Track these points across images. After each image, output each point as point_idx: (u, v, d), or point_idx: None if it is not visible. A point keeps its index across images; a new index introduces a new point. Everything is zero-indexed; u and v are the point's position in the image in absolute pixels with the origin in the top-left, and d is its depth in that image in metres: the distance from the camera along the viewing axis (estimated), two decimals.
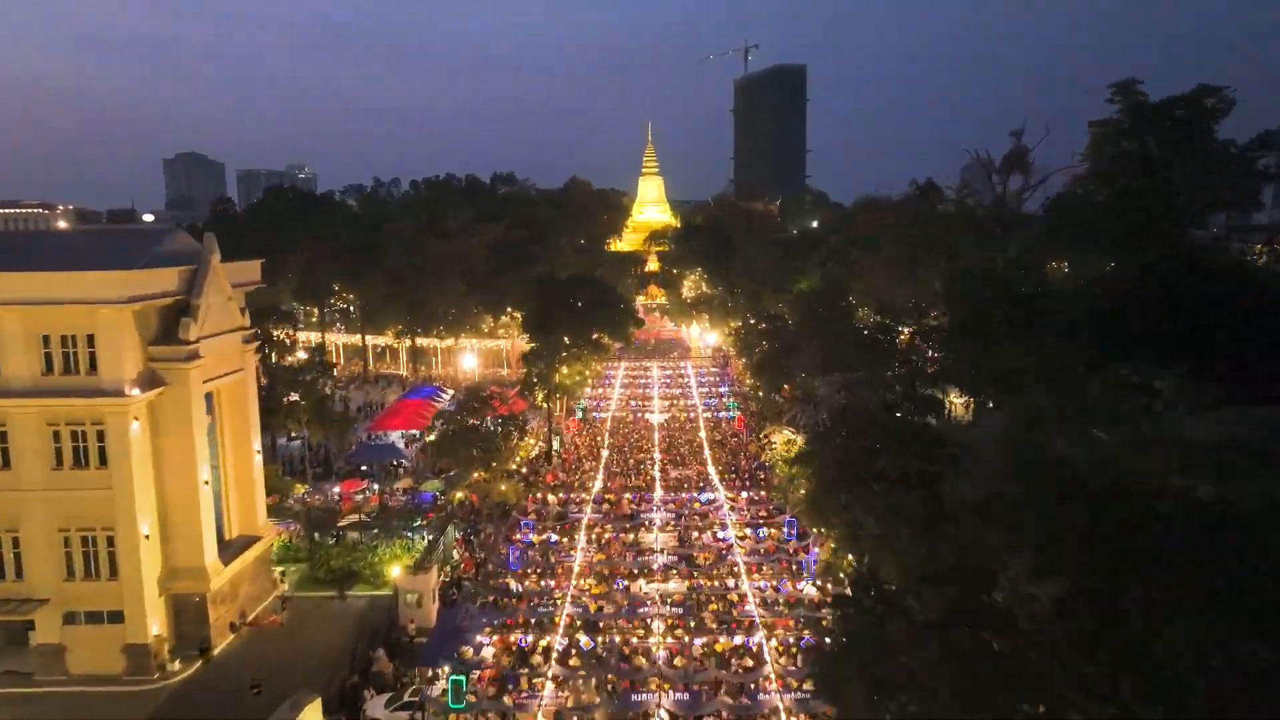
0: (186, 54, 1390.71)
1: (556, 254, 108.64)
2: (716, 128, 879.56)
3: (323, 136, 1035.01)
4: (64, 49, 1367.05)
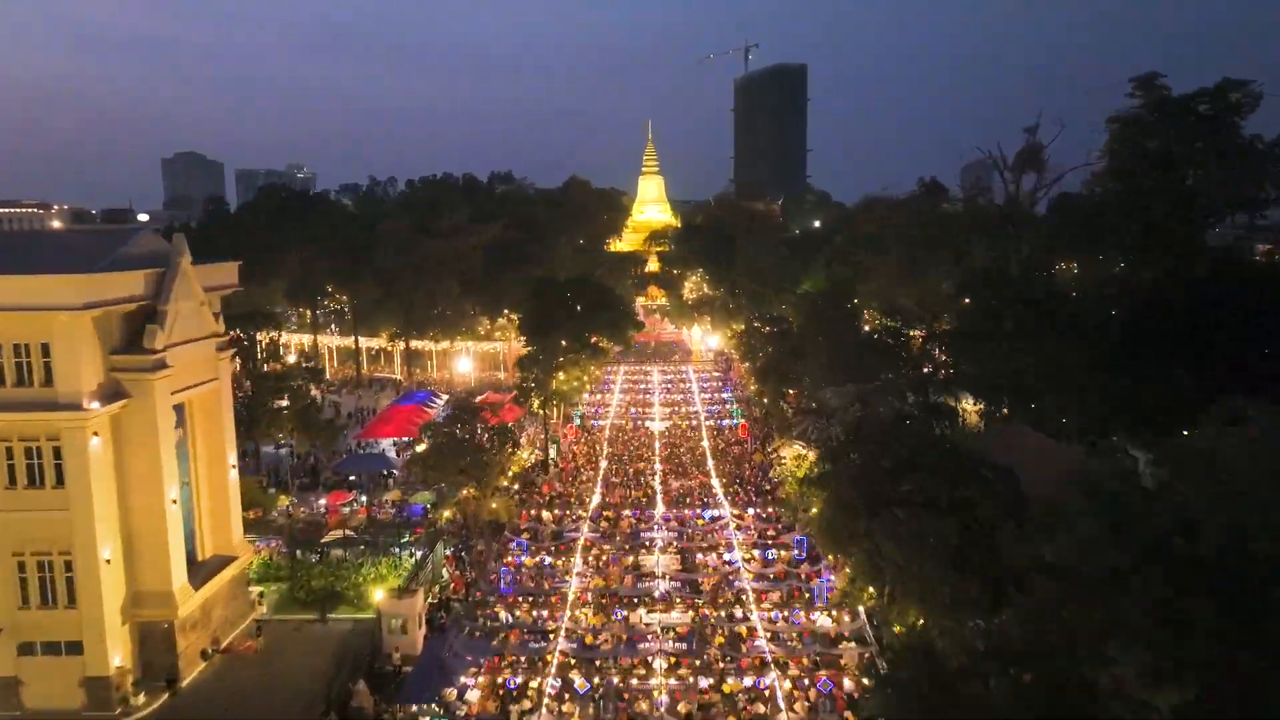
0: (186, 54, 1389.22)
1: (555, 254, 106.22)
2: (716, 127, 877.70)
3: (323, 136, 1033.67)
4: (64, 49, 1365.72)
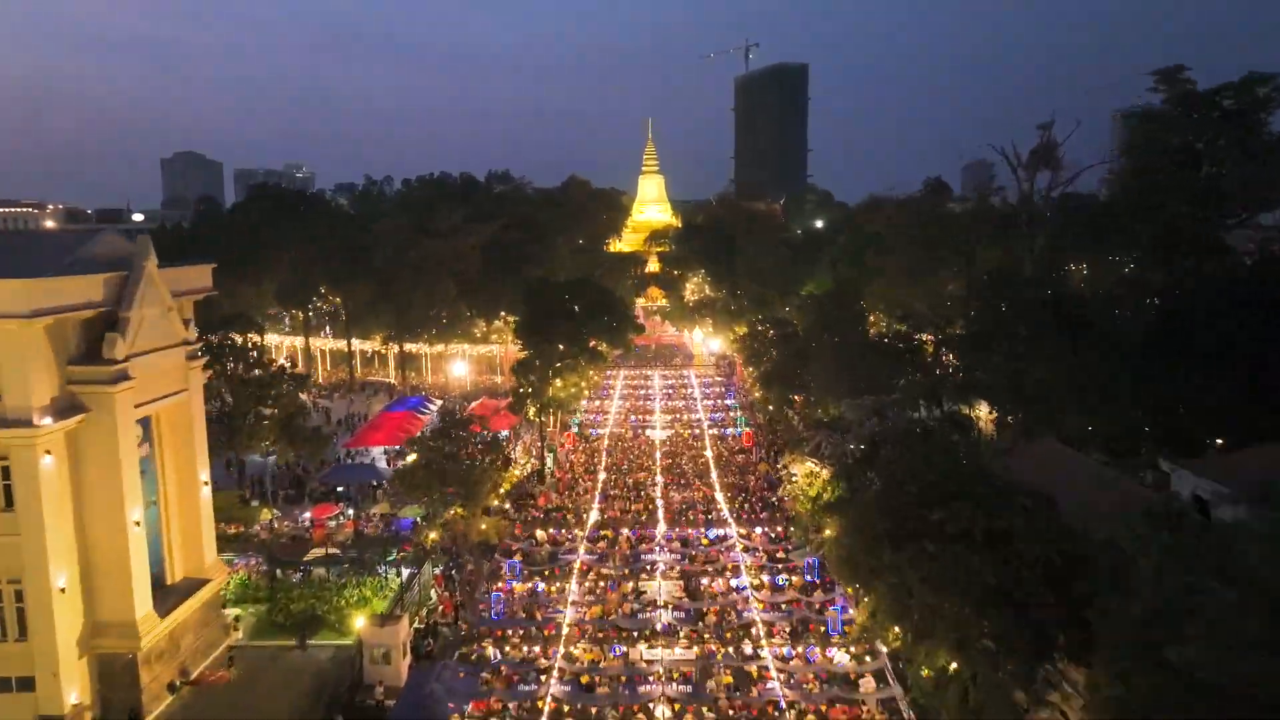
0: (186, 54, 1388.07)
1: (553, 255, 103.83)
2: (717, 127, 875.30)
3: (323, 136, 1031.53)
4: (64, 49, 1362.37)
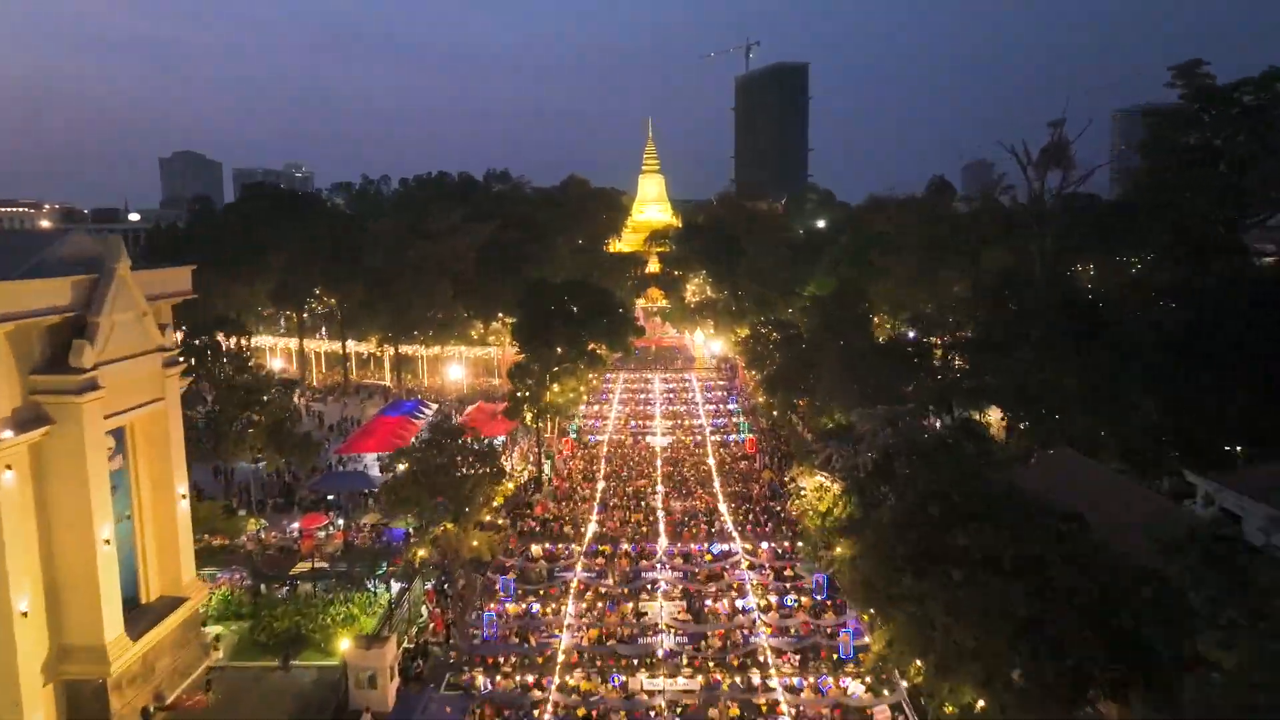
0: (186, 54, 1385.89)
1: (552, 255, 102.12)
2: (717, 127, 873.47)
3: (323, 136, 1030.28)
4: (64, 49, 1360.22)
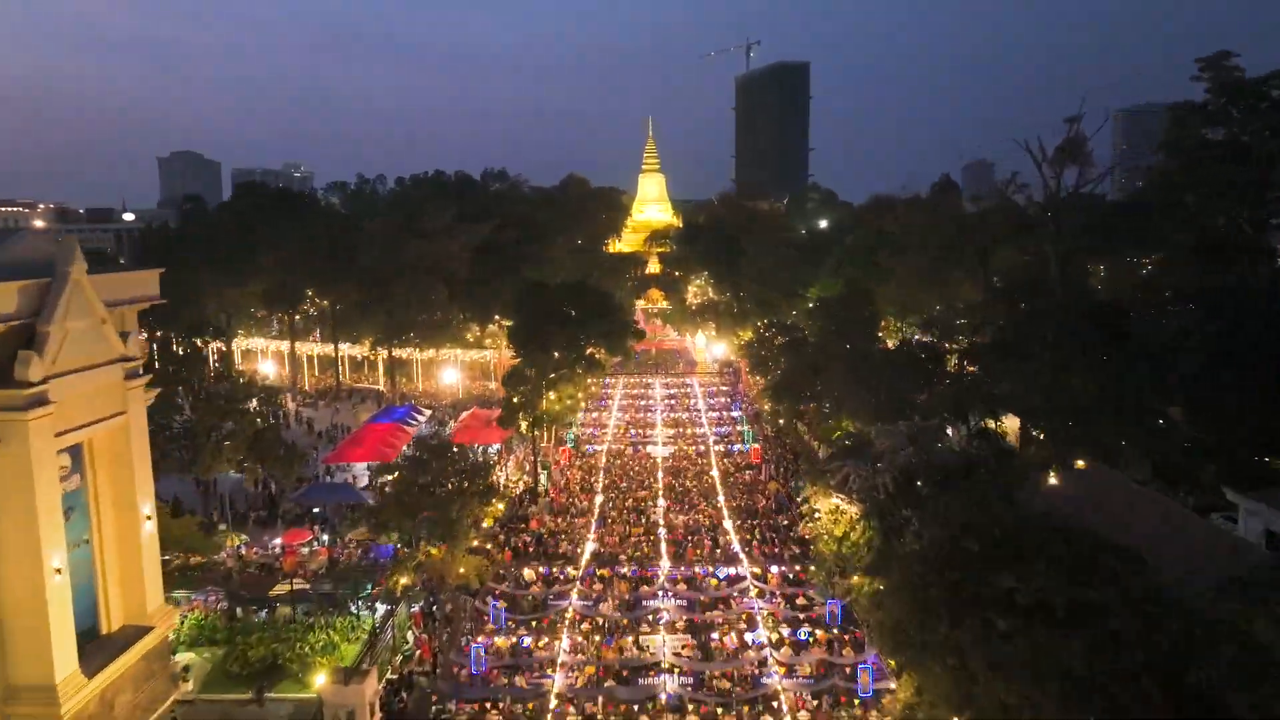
0: (186, 54, 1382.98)
1: (550, 256, 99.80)
2: (717, 127, 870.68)
3: (323, 136, 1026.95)
4: (64, 48, 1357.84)
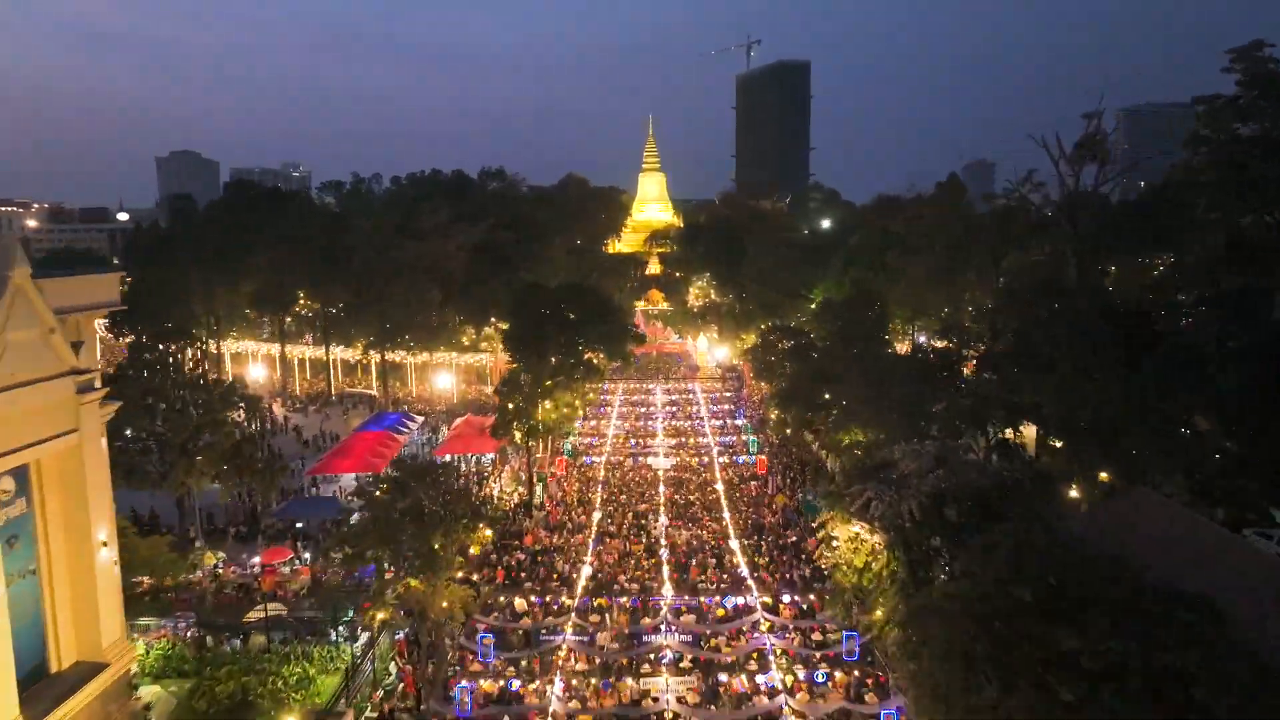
0: (185, 53, 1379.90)
1: (548, 256, 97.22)
2: (717, 127, 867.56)
3: (322, 136, 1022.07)
4: (63, 48, 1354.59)
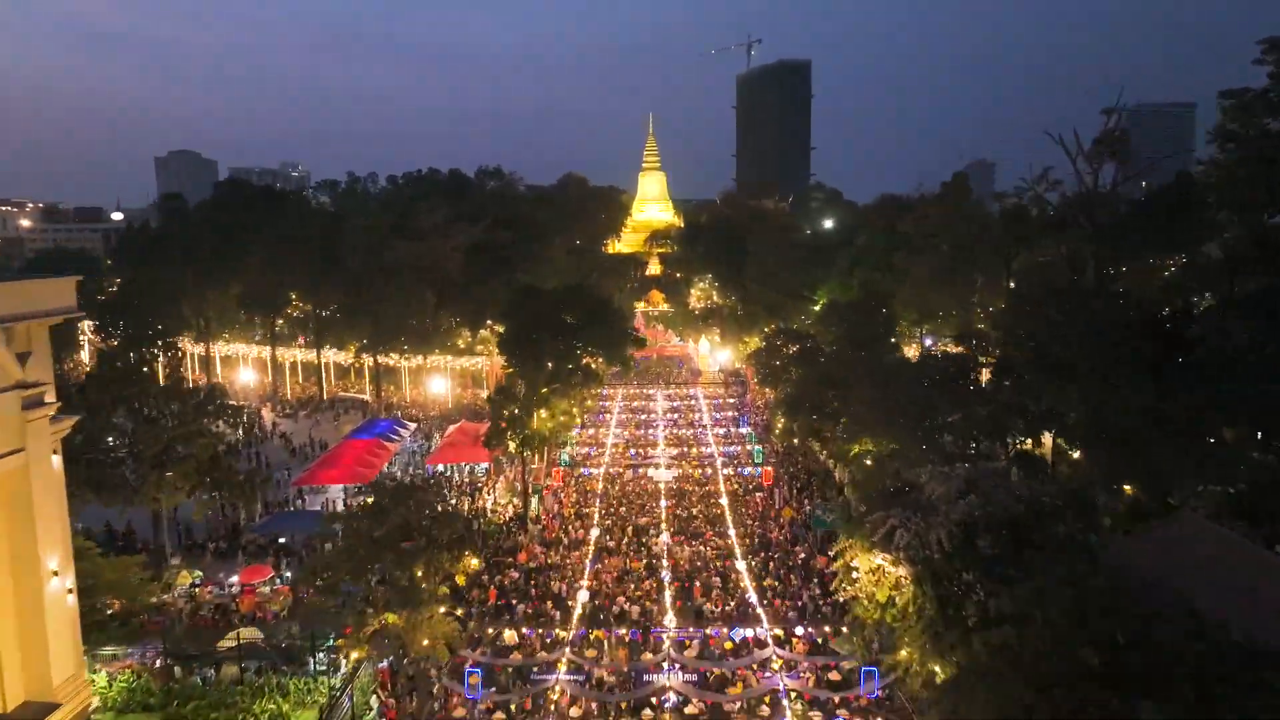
0: (186, 53, 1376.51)
1: (547, 257, 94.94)
2: (718, 127, 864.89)
3: (322, 135, 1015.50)
4: (63, 48, 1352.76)
